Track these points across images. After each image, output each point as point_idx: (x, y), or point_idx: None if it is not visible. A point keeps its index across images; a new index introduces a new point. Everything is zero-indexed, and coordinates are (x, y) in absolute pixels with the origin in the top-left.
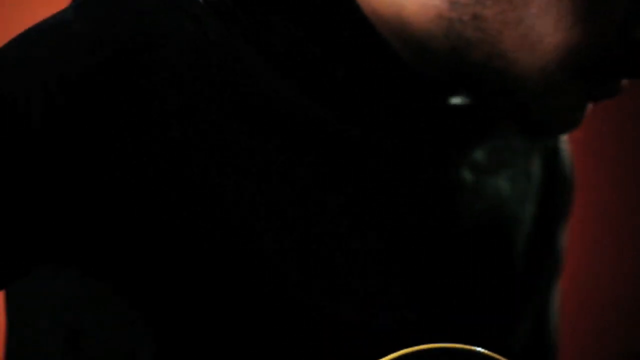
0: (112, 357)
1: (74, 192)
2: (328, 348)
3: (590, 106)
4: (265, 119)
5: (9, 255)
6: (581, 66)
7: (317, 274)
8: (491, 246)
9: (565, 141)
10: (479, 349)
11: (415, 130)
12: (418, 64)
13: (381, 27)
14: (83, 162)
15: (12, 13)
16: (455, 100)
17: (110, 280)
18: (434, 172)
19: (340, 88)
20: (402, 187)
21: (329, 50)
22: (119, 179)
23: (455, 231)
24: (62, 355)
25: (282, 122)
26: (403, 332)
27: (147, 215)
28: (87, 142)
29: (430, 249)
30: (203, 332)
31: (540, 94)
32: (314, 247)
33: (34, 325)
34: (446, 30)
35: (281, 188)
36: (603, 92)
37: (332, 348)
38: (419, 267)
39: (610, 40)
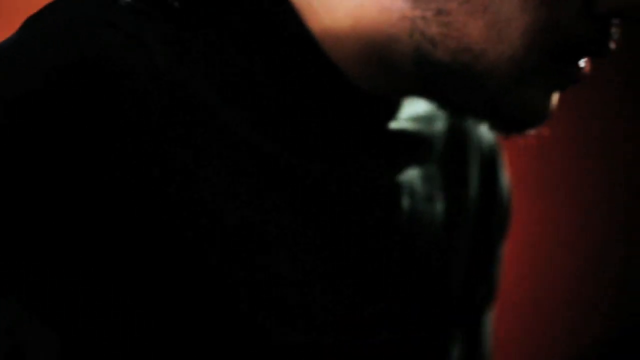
0: None
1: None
2: None
3: (556, 99)
4: (209, 145)
5: None
6: (548, 48)
7: (264, 297)
8: (427, 271)
9: (503, 164)
10: None
11: (357, 157)
12: (375, 80)
13: (332, 46)
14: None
15: (12, 13)
16: (398, 123)
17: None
18: (374, 198)
19: (284, 117)
20: (345, 214)
21: (275, 79)
22: (66, 205)
23: (393, 256)
24: None
25: (226, 148)
26: (344, 354)
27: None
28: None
29: (370, 274)
30: (148, 351)
31: (509, 85)
32: (260, 275)
33: None
34: (410, 31)
35: (228, 211)
36: (568, 79)
37: None
38: (361, 291)
39: (575, 17)
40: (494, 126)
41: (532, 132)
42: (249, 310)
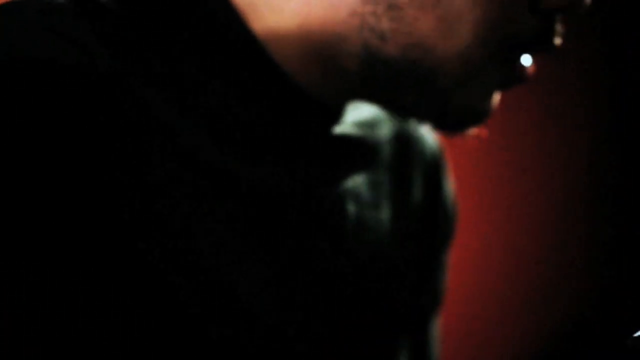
0: None
1: None
2: None
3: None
4: (150, 147)
5: None
6: (496, 45)
7: (208, 301)
8: (372, 278)
9: (447, 171)
10: None
11: (301, 163)
12: (321, 82)
13: (277, 48)
14: None
15: None
16: (343, 128)
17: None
18: (318, 205)
19: (225, 121)
20: (288, 221)
21: (215, 81)
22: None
23: (338, 263)
24: None
25: (166, 151)
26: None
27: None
28: None
29: (315, 281)
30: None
31: (456, 82)
32: (217, 286)
33: None
34: (359, 28)
35: (172, 216)
36: (512, 78)
37: None
38: (305, 297)
39: (522, 13)
40: (437, 125)
41: (471, 131)
42: (193, 311)
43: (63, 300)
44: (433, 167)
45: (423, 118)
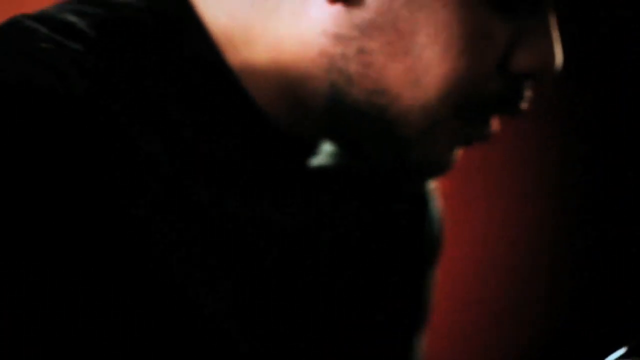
0: None
1: None
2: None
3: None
4: (130, 175)
5: None
6: (461, 101)
7: (182, 310)
8: (352, 303)
9: (433, 192)
10: None
11: (276, 195)
12: (291, 118)
13: (251, 81)
14: None
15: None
16: (319, 159)
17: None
18: (294, 236)
19: (201, 152)
20: (263, 254)
21: (192, 113)
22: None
23: (316, 290)
24: None
25: (145, 179)
26: None
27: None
28: None
29: (293, 309)
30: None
31: (419, 132)
32: (182, 296)
33: None
34: (328, 68)
35: (151, 241)
36: (477, 135)
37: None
38: (283, 326)
39: (490, 73)
40: (396, 174)
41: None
42: (163, 318)
43: (61, 300)
44: (418, 190)
45: (382, 165)
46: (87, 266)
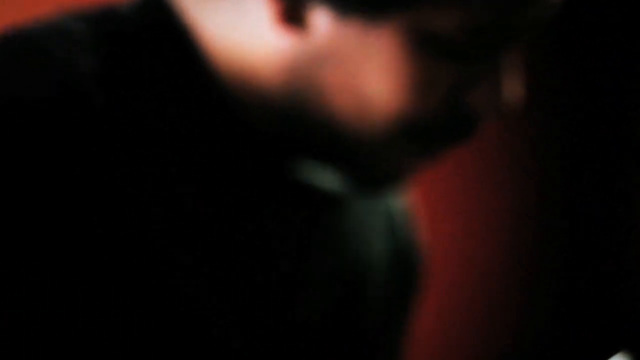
0: None
1: None
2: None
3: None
4: (138, 184)
5: None
6: (408, 132)
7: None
8: (331, 317)
9: (411, 216)
10: None
11: (260, 206)
12: (263, 120)
13: (229, 82)
14: None
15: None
16: (303, 173)
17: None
18: (277, 250)
19: (196, 162)
20: (247, 266)
21: (183, 123)
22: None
23: (295, 303)
24: None
25: (147, 188)
26: None
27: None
28: None
29: (273, 323)
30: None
31: (369, 152)
32: (178, 302)
33: None
34: (287, 84)
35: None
36: (429, 154)
37: None
38: (266, 339)
39: (437, 109)
40: (358, 186)
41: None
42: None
43: (60, 301)
44: (396, 211)
45: (343, 175)
46: (86, 270)
